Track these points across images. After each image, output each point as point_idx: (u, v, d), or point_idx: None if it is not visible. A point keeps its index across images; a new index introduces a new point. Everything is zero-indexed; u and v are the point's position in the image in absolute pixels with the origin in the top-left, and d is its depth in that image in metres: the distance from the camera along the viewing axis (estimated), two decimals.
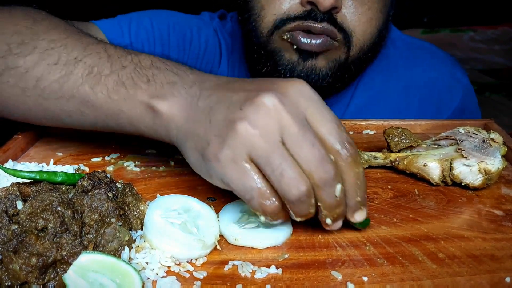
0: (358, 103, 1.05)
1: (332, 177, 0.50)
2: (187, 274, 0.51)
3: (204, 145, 0.52)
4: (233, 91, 0.54)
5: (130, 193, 0.58)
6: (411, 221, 0.62)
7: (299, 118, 0.50)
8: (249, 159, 0.50)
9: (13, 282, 0.47)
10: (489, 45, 2.83)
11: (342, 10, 0.86)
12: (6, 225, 0.51)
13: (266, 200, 0.51)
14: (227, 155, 0.50)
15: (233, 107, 0.51)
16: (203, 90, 0.56)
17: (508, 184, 0.72)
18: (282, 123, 0.50)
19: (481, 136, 0.70)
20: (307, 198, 0.50)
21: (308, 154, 0.49)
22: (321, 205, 0.52)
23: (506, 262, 0.54)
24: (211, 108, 0.53)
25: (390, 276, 0.52)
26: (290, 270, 0.52)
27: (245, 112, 0.50)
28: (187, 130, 0.55)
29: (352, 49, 0.89)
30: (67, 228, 0.51)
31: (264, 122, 0.50)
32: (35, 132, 0.84)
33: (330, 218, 0.53)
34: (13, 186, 0.55)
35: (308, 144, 0.50)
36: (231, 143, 0.50)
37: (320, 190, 0.51)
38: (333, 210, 0.52)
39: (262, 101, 0.50)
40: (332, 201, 0.52)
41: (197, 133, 0.54)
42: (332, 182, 0.50)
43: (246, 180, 0.50)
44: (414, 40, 1.14)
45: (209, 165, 0.52)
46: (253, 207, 0.52)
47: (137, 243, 0.55)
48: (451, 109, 1.07)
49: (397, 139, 0.74)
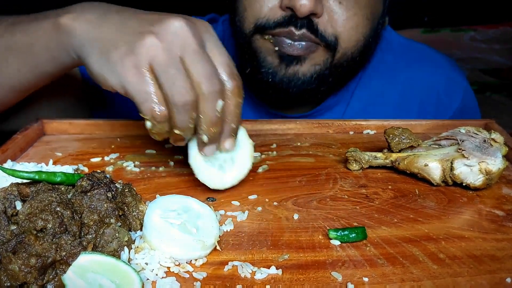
0: (356, 106, 1.05)
1: (217, 91, 0.59)
2: (186, 275, 0.51)
3: (110, 48, 0.60)
4: (145, 14, 0.63)
5: (130, 194, 0.58)
6: (412, 221, 0.62)
7: (199, 42, 0.59)
8: (149, 68, 0.58)
9: (12, 283, 0.47)
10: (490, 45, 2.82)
11: (325, 17, 0.84)
12: (5, 225, 0.51)
13: (156, 105, 0.58)
14: (131, 60, 0.58)
15: (145, 23, 0.60)
16: (112, 9, 0.65)
17: (509, 184, 0.72)
18: (185, 42, 0.58)
19: (482, 136, 0.70)
20: (190, 108, 0.58)
21: (201, 68, 0.58)
22: (202, 118, 0.59)
23: (507, 263, 0.54)
24: (122, 21, 0.62)
25: (391, 276, 0.51)
26: (290, 270, 0.52)
27: (156, 28, 0.59)
28: (93, 36, 0.63)
29: (336, 55, 0.88)
30: (66, 228, 0.50)
31: (169, 38, 0.58)
32: (34, 132, 0.84)
33: (206, 135, 0.61)
34: (12, 186, 0.55)
35: (202, 61, 0.58)
36: (137, 51, 0.58)
37: (204, 102, 0.59)
38: (211, 126, 0.60)
39: (172, 22, 0.59)
40: (213, 115, 0.59)
41: (105, 38, 0.61)
42: (216, 95, 0.59)
43: (142, 84, 0.58)
44: (412, 43, 1.13)
45: (111, 67, 0.59)
46: (144, 110, 0.59)
47: (137, 243, 0.54)
48: (451, 112, 1.07)
49: (397, 139, 0.74)
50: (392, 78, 1.06)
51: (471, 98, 1.10)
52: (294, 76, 0.89)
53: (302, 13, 0.81)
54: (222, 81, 0.60)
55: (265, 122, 0.92)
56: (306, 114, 1.03)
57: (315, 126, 0.91)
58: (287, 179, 0.73)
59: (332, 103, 1.04)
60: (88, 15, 0.65)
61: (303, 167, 0.77)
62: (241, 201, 0.66)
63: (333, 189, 0.70)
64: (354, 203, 0.66)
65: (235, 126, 0.63)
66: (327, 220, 0.62)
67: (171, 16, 0.59)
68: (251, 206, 0.65)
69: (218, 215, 0.62)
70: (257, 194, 0.68)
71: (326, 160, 0.79)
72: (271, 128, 0.91)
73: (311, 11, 0.81)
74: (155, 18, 0.60)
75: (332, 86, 0.97)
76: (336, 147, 0.85)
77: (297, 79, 0.89)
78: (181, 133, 0.61)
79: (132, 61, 0.58)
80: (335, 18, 0.85)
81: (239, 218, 0.62)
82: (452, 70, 1.09)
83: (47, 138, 0.86)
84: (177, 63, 0.58)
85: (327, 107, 1.03)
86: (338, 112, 1.05)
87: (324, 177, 0.73)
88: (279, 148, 0.84)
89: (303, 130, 0.91)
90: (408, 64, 1.07)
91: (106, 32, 0.62)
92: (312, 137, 0.89)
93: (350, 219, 0.62)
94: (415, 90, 1.06)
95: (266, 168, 0.76)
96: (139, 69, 0.58)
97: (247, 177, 0.72)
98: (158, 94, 0.58)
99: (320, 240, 0.58)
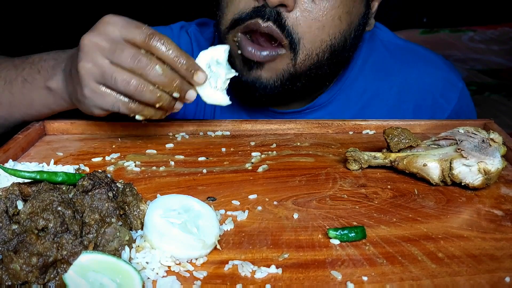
0: (351, 107, 1.04)
1: (147, 62, 0.69)
2: (187, 274, 0.52)
3: (76, 94, 0.75)
4: (72, 51, 0.77)
5: (130, 193, 0.58)
6: (411, 220, 0.62)
7: (109, 39, 0.70)
8: (100, 85, 0.71)
9: (14, 282, 0.47)
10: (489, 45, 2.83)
11: (296, 13, 0.84)
12: (6, 225, 0.51)
13: (128, 105, 0.71)
14: (88, 91, 0.72)
15: (75, 58, 0.73)
16: (67, 61, 0.79)
17: (508, 184, 0.72)
18: (100, 49, 0.70)
19: (480, 136, 0.70)
20: (142, 87, 0.69)
21: (124, 58, 0.69)
22: (158, 86, 0.70)
23: (506, 262, 0.54)
24: (70, 70, 0.76)
25: (390, 275, 0.52)
26: (290, 269, 0.52)
27: (78, 57, 0.71)
28: (70, 92, 0.78)
29: (298, 56, 0.87)
30: (67, 228, 0.51)
31: (90, 57, 0.70)
32: (35, 132, 0.85)
33: (176, 92, 0.71)
34: (13, 186, 0.56)
35: (120, 51, 0.69)
36: (83, 82, 0.71)
37: (146, 76, 0.69)
38: (170, 85, 0.70)
39: (83, 43, 0.71)
40: (160, 78, 0.69)
41: (72, 91, 0.76)
42: (149, 65, 0.69)
43: (107, 99, 0.72)
44: (408, 44, 1.13)
45: (86, 105, 0.74)
46: (126, 112, 0.72)
47: (137, 243, 0.55)
48: (446, 114, 1.06)
49: (396, 139, 0.74)
50: (388, 80, 1.06)
51: (467, 99, 1.10)
52: (258, 80, 0.88)
53: (272, 3, 0.81)
54: (139, 50, 0.69)
55: (265, 122, 0.92)
56: (297, 111, 1.03)
57: (314, 126, 0.92)
58: (287, 178, 0.73)
59: (325, 101, 1.03)
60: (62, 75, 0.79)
61: (302, 167, 0.77)
62: (241, 200, 0.66)
63: (333, 189, 0.70)
64: (353, 202, 0.66)
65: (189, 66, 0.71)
66: (326, 219, 0.62)
67: (83, 38, 0.71)
68: (251, 205, 0.65)
69: (219, 214, 0.62)
70: (257, 194, 0.68)
71: (326, 160, 0.80)
72: (270, 128, 0.91)
73: (280, 2, 0.81)
74: (75, 50, 0.74)
75: (309, 87, 0.95)
76: (335, 147, 0.85)
77: (260, 83, 0.89)
78: (161, 104, 0.71)
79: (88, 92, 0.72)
80: (304, 16, 0.84)
81: (239, 218, 0.62)
82: (448, 72, 1.09)
83: (49, 138, 0.86)
84: (109, 67, 0.69)
85: (319, 106, 1.03)
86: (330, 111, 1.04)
87: (323, 177, 0.74)
88: (279, 148, 0.84)
89: (303, 130, 0.92)
90: (404, 65, 1.07)
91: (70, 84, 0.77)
92: (311, 137, 0.90)
93: (349, 219, 0.62)
94: (411, 91, 1.06)
95: (266, 168, 0.76)
96: (97, 92, 0.71)
97: (247, 177, 0.73)
98: (121, 97, 0.71)
99: (320, 239, 0.58)
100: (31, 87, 0.82)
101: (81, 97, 0.73)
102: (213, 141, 0.87)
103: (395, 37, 1.14)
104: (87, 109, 0.75)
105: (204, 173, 0.74)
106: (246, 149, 0.83)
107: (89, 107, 0.74)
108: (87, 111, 0.76)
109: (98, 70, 0.70)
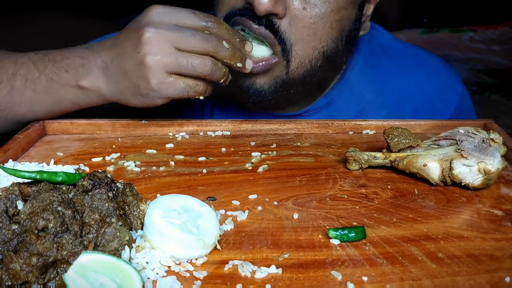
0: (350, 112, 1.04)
1: (216, 40, 0.75)
2: (187, 274, 0.52)
3: (136, 89, 0.76)
4: (122, 45, 0.77)
5: (131, 193, 0.58)
6: (411, 221, 0.62)
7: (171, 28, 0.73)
8: (169, 74, 0.74)
9: (14, 282, 0.47)
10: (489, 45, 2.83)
11: (287, 20, 0.83)
12: (6, 225, 0.52)
13: (196, 87, 0.77)
14: (157, 83, 0.74)
15: (133, 54, 0.75)
16: (104, 58, 0.79)
17: (508, 184, 0.72)
18: (166, 39, 0.73)
19: (480, 136, 0.70)
20: (215, 65, 0.76)
21: (194, 43, 0.73)
22: (227, 61, 0.77)
23: (506, 262, 0.54)
24: (120, 66, 0.77)
25: (390, 275, 0.52)
26: (290, 269, 0.53)
27: (142, 51, 0.73)
28: (116, 89, 0.79)
29: (291, 64, 0.86)
30: (67, 228, 0.51)
31: (158, 48, 0.73)
32: (35, 132, 0.85)
33: (239, 62, 0.78)
34: (13, 186, 0.56)
35: (189, 37, 0.73)
36: (151, 75, 0.74)
37: (218, 53, 0.75)
38: (235, 57, 0.77)
39: (145, 36, 0.73)
40: (229, 52, 0.76)
41: (125, 86, 0.77)
42: (218, 43, 0.75)
43: (178, 87, 0.75)
44: (408, 48, 1.12)
45: (151, 97, 0.77)
46: (193, 96, 0.77)
47: (137, 243, 0.55)
48: (445, 118, 1.06)
49: (396, 139, 0.74)
50: (387, 83, 1.05)
51: (467, 103, 1.10)
52: (252, 85, 0.88)
53: (260, 12, 0.80)
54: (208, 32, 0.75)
55: (265, 122, 0.92)
56: (295, 114, 1.03)
57: (315, 126, 0.92)
58: (287, 179, 0.73)
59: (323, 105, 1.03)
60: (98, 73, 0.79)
61: (303, 167, 0.77)
62: (241, 200, 0.66)
63: (333, 189, 0.70)
64: (353, 202, 0.66)
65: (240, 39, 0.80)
66: (326, 219, 0.62)
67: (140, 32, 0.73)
68: (251, 205, 0.65)
69: (219, 214, 0.62)
70: (257, 194, 0.68)
71: (326, 160, 0.80)
72: (271, 128, 0.91)
73: (269, 12, 0.80)
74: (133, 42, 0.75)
75: (304, 92, 0.95)
76: (335, 147, 0.85)
77: (255, 89, 0.88)
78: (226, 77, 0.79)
79: (157, 83, 0.74)
80: (295, 23, 0.83)
81: (239, 218, 0.62)
82: (448, 75, 1.09)
83: (49, 138, 0.86)
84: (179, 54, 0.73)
85: (317, 109, 1.03)
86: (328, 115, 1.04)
87: (324, 177, 0.74)
88: (279, 148, 0.84)
89: (303, 130, 0.92)
90: (403, 70, 1.06)
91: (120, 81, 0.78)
92: (312, 137, 0.90)
93: (349, 219, 0.62)
94: (410, 95, 1.05)
95: (266, 168, 0.76)
96: (166, 82, 0.74)
97: (247, 177, 0.73)
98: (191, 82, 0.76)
99: (320, 239, 0.58)
100: (59, 86, 0.82)
101: (145, 91, 0.75)
102: (213, 141, 0.87)
103: (394, 39, 1.13)
104: (150, 101, 0.77)
105: (204, 173, 0.74)
106: (246, 149, 0.83)
107: (154, 99, 0.76)
108: (147, 104, 0.78)
109: (169, 60, 0.73)
